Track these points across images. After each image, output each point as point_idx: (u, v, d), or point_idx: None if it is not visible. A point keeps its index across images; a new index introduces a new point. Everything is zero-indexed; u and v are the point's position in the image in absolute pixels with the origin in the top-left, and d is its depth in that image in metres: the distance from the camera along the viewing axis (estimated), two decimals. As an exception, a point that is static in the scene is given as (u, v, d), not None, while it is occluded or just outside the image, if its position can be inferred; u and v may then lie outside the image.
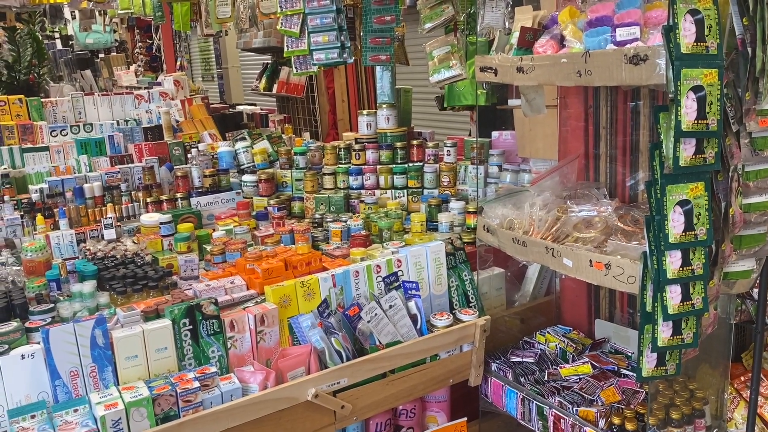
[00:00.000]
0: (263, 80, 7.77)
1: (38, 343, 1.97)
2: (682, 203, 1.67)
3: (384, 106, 3.44)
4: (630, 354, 2.43)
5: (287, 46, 3.40)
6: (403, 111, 3.55)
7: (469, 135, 3.93)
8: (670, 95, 1.61)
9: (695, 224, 1.67)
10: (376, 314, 2.17)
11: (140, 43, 10.71)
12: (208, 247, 2.73)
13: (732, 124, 1.69)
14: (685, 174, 1.65)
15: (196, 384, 1.81)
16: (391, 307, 2.21)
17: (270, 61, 7.86)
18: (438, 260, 2.41)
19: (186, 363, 1.93)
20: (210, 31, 6.12)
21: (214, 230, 2.94)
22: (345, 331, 2.11)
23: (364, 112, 3.55)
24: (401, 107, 3.54)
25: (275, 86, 7.59)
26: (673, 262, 1.69)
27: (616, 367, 2.32)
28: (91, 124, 3.65)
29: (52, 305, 2.09)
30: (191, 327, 1.93)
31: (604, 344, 2.52)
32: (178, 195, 3.20)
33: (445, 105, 3.42)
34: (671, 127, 1.62)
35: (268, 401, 1.90)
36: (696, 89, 1.58)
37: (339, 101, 7.42)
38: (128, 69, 6.04)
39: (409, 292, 2.28)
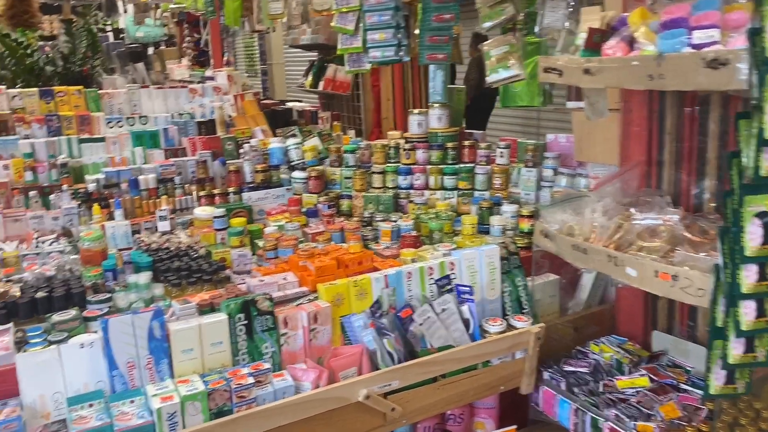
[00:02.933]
0: (310, 77, 7.81)
1: (96, 332, 2.00)
2: (761, 215, 1.58)
3: (436, 105, 3.40)
4: (689, 368, 2.33)
5: (341, 43, 3.39)
6: (455, 111, 3.51)
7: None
8: (752, 102, 1.53)
9: (775, 237, 1.58)
10: (428, 317, 2.14)
11: (188, 38, 10.88)
12: (260, 242, 2.74)
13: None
14: (765, 185, 1.57)
15: (251, 380, 1.80)
16: (444, 310, 2.18)
17: (317, 59, 7.90)
18: (492, 264, 2.36)
19: (240, 358, 1.93)
20: (260, 27, 6.16)
21: (265, 225, 2.95)
22: (397, 332, 2.08)
23: (415, 111, 3.52)
24: (453, 107, 3.50)
25: (321, 83, 7.62)
26: (748, 276, 1.61)
27: (675, 382, 2.24)
28: (146, 117, 3.71)
29: (109, 295, 2.11)
30: (246, 322, 1.93)
31: (662, 357, 2.43)
32: (230, 189, 3.21)
33: (500, 105, 3.36)
34: (753, 135, 1.54)
35: (320, 400, 1.88)
36: (782, 96, 1.50)
37: (384, 100, 7.40)
38: (180, 63, 6.13)
39: (463, 296, 2.24)
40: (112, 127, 3.58)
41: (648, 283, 1.91)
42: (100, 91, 3.82)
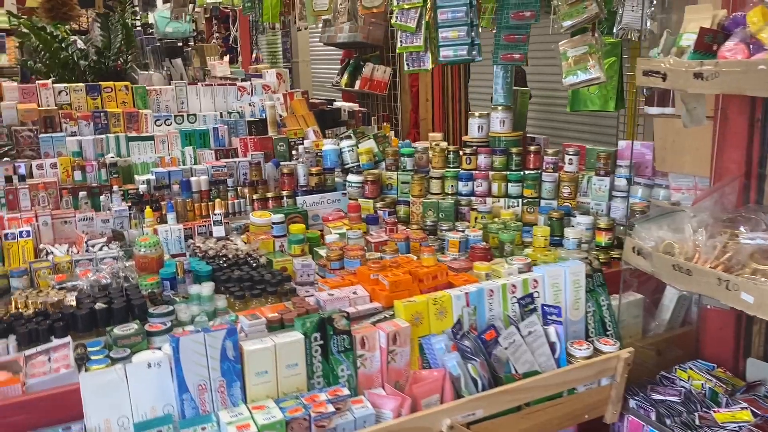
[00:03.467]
0: (345, 76, 7.66)
1: (158, 348, 1.87)
2: None
3: (499, 108, 3.22)
4: (793, 402, 2.14)
5: (401, 41, 3.23)
6: (518, 114, 3.33)
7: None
8: None
9: None
10: (514, 340, 1.97)
11: (217, 34, 10.79)
12: (320, 251, 2.59)
13: None
14: None
15: (331, 408, 1.65)
16: (530, 333, 2.01)
17: (353, 57, 7.75)
18: (577, 282, 2.19)
19: (315, 381, 1.78)
20: (303, 23, 6.03)
21: (322, 232, 2.80)
22: (482, 357, 1.92)
23: (476, 113, 3.34)
24: (517, 110, 3.32)
25: (358, 82, 7.47)
26: None
27: (781, 417, 2.04)
28: (194, 115, 3.58)
29: (171, 308, 1.97)
30: (322, 342, 1.78)
31: (760, 387, 2.24)
32: (284, 193, 3.07)
33: (568, 109, 3.18)
34: None
35: (403, 431, 1.73)
36: None
37: (423, 100, 7.23)
38: (222, 59, 6.02)
39: (549, 317, 2.07)
40: (159, 126, 3.46)
41: (766, 311, 1.72)
42: (148, 88, 3.70)
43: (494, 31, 2.75)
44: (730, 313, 2.31)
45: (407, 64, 3.27)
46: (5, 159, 3.00)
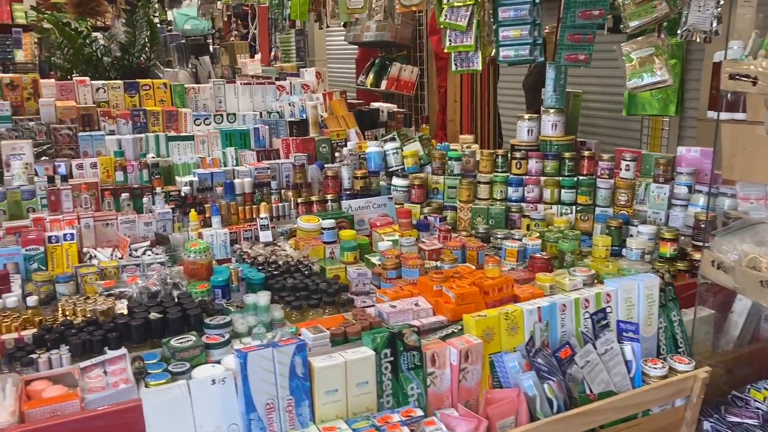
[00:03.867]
0: (371, 76, 7.56)
1: (217, 362, 1.78)
2: None
3: (551, 111, 3.11)
4: None
5: (449, 41, 3.12)
6: (571, 118, 3.21)
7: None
8: None
9: None
10: (590, 359, 1.86)
11: (235, 32, 10.72)
12: (372, 258, 2.48)
13: None
14: None
15: (406, 430, 1.55)
16: (606, 351, 1.89)
17: (379, 57, 7.64)
18: (651, 297, 2.07)
19: (384, 400, 1.67)
20: (336, 21, 5.93)
21: (371, 238, 2.70)
22: (559, 376, 1.80)
23: (525, 116, 3.23)
24: (569, 113, 3.20)
25: (384, 82, 7.36)
26: None
27: None
28: (234, 114, 3.49)
29: (229, 318, 1.88)
30: (392, 359, 1.67)
31: (843, 411, 2.11)
32: (329, 197, 2.97)
33: (624, 113, 3.05)
34: None
35: (478, 455, 1.62)
36: None
37: (451, 101, 7.11)
38: (253, 57, 5.93)
39: (625, 334, 1.96)
40: (198, 125, 3.37)
41: None
42: (187, 86, 3.61)
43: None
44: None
45: (455, 65, 3.16)
46: (44, 158, 2.92)
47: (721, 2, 2.56)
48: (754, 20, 2.20)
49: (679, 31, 2.64)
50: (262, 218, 2.62)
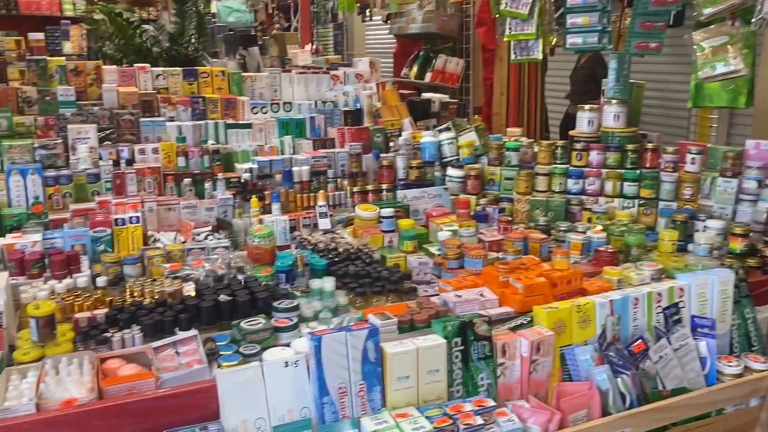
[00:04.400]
0: (415, 68, 7.51)
1: (286, 345, 1.78)
2: None
3: (614, 101, 3.03)
4: None
5: (510, 29, 3.07)
6: (633, 109, 3.13)
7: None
8: None
9: None
10: (665, 354, 1.81)
11: (278, 25, 10.79)
12: (430, 248, 2.46)
13: None
14: None
15: (479, 420, 1.52)
16: (681, 346, 1.84)
17: (423, 49, 7.59)
18: (725, 293, 2.01)
19: (454, 389, 1.65)
20: (386, 11, 5.91)
21: (428, 228, 2.68)
22: (633, 370, 1.76)
23: (586, 107, 3.16)
24: (632, 104, 3.12)
25: (429, 75, 7.31)
26: None
27: None
28: (290, 103, 3.50)
29: (297, 302, 1.88)
30: (462, 347, 1.65)
31: None
32: (384, 186, 2.96)
33: (690, 105, 2.96)
34: None
35: (549, 448, 1.59)
36: None
37: (497, 94, 7.03)
38: (303, 48, 5.96)
39: (700, 329, 1.90)
40: (256, 113, 3.39)
41: None
42: (243, 74, 3.64)
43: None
44: None
45: (514, 53, 3.12)
46: (107, 143, 2.97)
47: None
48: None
49: (753, 20, 2.55)
50: (321, 206, 2.63)
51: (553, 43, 2.98)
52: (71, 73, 3.23)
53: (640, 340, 1.82)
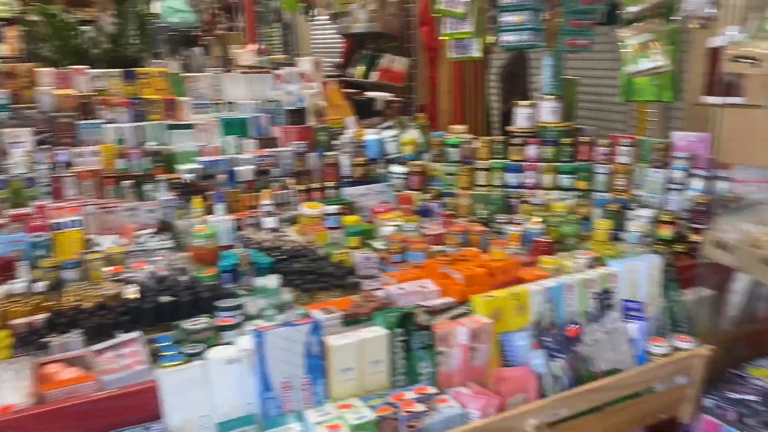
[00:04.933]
0: (360, 67, 7.54)
1: (228, 343, 1.79)
2: None
3: (549, 97, 3.14)
4: None
5: (445, 27, 3.14)
6: (567, 104, 3.24)
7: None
8: None
9: None
10: (597, 337, 1.90)
11: (220, 25, 10.65)
12: (375, 244, 2.51)
13: None
14: None
15: (420, 407, 1.57)
16: (612, 330, 1.93)
17: (370, 48, 7.63)
18: (653, 277, 2.11)
19: (396, 379, 1.70)
20: (329, 11, 5.92)
21: (372, 224, 2.72)
22: (566, 354, 1.84)
23: (523, 103, 3.26)
24: (566, 100, 3.23)
25: (375, 74, 7.35)
26: None
27: None
28: (233, 103, 3.49)
29: (240, 301, 1.89)
30: (404, 338, 1.70)
31: (839, 386, 2.16)
32: (328, 184, 2.98)
33: (621, 99, 3.08)
34: None
35: (490, 431, 1.65)
36: None
37: (442, 92, 7.12)
38: (246, 48, 5.93)
39: (631, 313, 2.00)
40: (198, 114, 3.36)
41: None
42: (185, 75, 3.60)
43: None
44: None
45: (453, 52, 3.19)
46: (44, 146, 2.91)
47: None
48: (747, 4, 2.23)
49: (675, 17, 2.68)
50: (265, 204, 2.63)
51: (488, 42, 3.06)
52: (4, 75, 3.14)
53: (574, 325, 1.91)
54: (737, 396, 2.13)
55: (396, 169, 3.19)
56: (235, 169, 2.90)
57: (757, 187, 2.49)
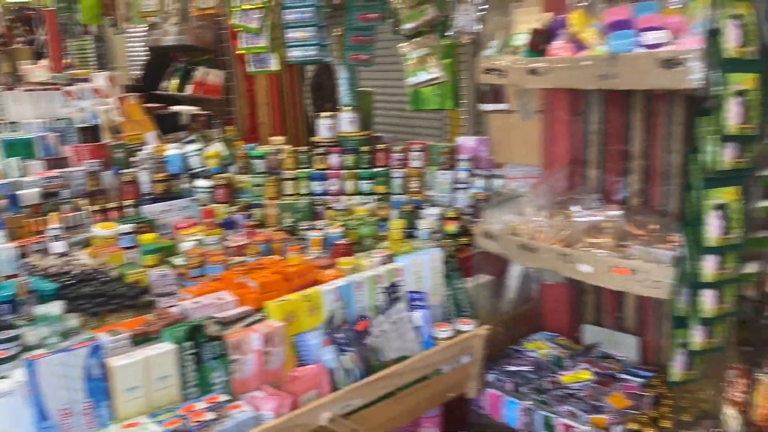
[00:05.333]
0: (174, 81, 7.33)
1: (4, 377, 1.69)
2: (720, 207, 1.67)
3: (347, 108, 3.30)
4: (621, 358, 2.43)
5: (242, 42, 3.19)
6: (364, 114, 3.43)
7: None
8: (711, 100, 1.61)
9: (731, 228, 1.67)
10: (384, 328, 2.05)
11: (20, 38, 9.81)
12: (175, 260, 2.48)
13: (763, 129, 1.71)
14: (723, 178, 1.66)
15: (210, 415, 1.60)
16: (398, 320, 2.09)
17: (184, 61, 7.44)
18: (437, 269, 2.32)
19: (188, 392, 1.71)
20: (129, 25, 5.66)
21: (174, 240, 2.68)
22: (356, 348, 1.96)
23: (325, 114, 3.40)
24: (363, 110, 3.42)
25: (190, 87, 7.18)
26: (709, 266, 1.69)
27: (615, 373, 2.32)
28: (16, 123, 3.23)
29: (16, 332, 1.79)
30: (194, 350, 1.72)
31: (594, 349, 2.52)
32: (127, 202, 2.89)
33: (410, 108, 3.33)
34: (713, 131, 1.62)
35: (283, 429, 1.72)
36: (739, 93, 1.59)
37: (261, 104, 7.14)
38: (38, 63, 5.46)
39: (416, 303, 2.17)
40: (-26, 136, 3.08)
41: (603, 279, 1.95)
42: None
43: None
44: (565, 287, 2.57)
45: (252, 66, 3.24)
46: None
47: (482, 7, 2.90)
48: (504, 22, 2.52)
49: (449, 33, 2.95)
50: (52, 229, 2.49)
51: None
52: None
53: (363, 319, 2.04)
54: (514, 368, 2.40)
55: (200, 183, 3.17)
56: (18, 192, 2.71)
57: (524, 182, 2.82)
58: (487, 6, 2.83)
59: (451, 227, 2.85)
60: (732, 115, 1.59)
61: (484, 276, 2.67)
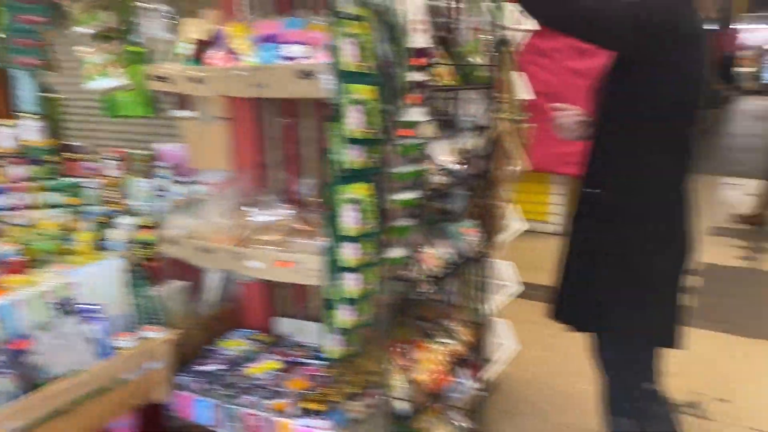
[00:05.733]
0: None
1: None
2: (353, 201, 1.91)
3: (29, 116, 3.07)
4: (311, 345, 2.63)
5: None
6: (52, 122, 3.22)
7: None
8: (335, 108, 1.84)
9: (365, 219, 1.93)
10: (49, 344, 1.96)
11: None
12: None
13: (386, 133, 2.00)
14: (353, 176, 1.90)
15: None
16: (66, 334, 2.02)
17: None
18: (118, 279, 2.28)
19: None
20: None
21: None
22: (14, 368, 1.85)
23: (6, 123, 3.11)
24: (51, 117, 3.20)
25: None
26: (349, 252, 1.93)
27: (301, 359, 2.50)
28: None
29: None
30: None
31: (286, 340, 2.69)
32: None
33: (111, 116, 3.20)
34: (339, 135, 1.85)
35: None
36: (358, 102, 1.84)
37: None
38: None
39: (90, 315, 2.12)
40: None
41: (271, 273, 2.11)
42: None
43: None
44: (260, 284, 2.70)
45: None
46: None
47: (169, 14, 2.91)
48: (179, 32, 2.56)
49: (135, 39, 2.91)
50: None
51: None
52: None
53: (22, 338, 1.93)
54: (204, 368, 2.45)
55: None
56: None
57: (215, 187, 2.90)
58: (177, 14, 2.86)
59: (147, 236, 2.81)
60: (352, 121, 1.84)
61: (178, 282, 2.69)
